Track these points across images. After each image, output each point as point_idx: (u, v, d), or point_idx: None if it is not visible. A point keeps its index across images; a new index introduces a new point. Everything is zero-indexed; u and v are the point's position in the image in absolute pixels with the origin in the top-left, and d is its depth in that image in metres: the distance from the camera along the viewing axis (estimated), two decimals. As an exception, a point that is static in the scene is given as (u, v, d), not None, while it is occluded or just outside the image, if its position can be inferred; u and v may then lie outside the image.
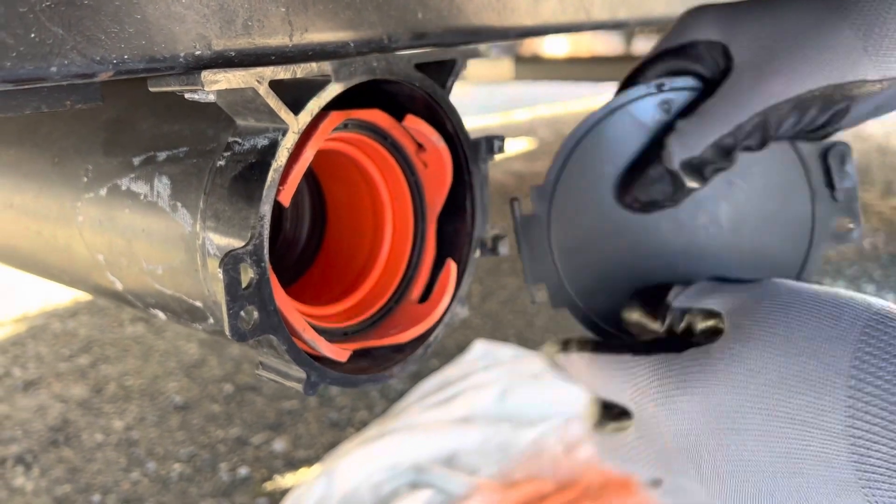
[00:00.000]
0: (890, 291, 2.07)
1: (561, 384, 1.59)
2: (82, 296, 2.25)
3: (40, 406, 1.70)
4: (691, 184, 0.52)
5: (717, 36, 0.51)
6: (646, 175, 0.52)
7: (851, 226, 0.55)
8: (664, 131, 0.53)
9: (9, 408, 1.69)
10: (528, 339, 1.85)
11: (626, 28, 0.68)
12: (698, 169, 0.51)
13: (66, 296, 2.27)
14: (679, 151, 0.50)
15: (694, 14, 0.53)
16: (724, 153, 0.50)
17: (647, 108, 0.54)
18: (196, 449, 1.50)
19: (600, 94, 5.05)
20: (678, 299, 0.49)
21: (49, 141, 0.56)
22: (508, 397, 1.56)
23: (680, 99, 0.53)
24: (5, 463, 1.49)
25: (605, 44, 3.61)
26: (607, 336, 0.57)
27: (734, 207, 0.55)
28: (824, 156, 0.54)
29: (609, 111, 0.54)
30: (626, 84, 0.55)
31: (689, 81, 0.53)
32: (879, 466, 0.36)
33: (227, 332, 0.40)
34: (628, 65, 0.54)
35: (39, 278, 0.66)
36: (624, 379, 0.47)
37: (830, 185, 0.54)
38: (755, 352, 0.41)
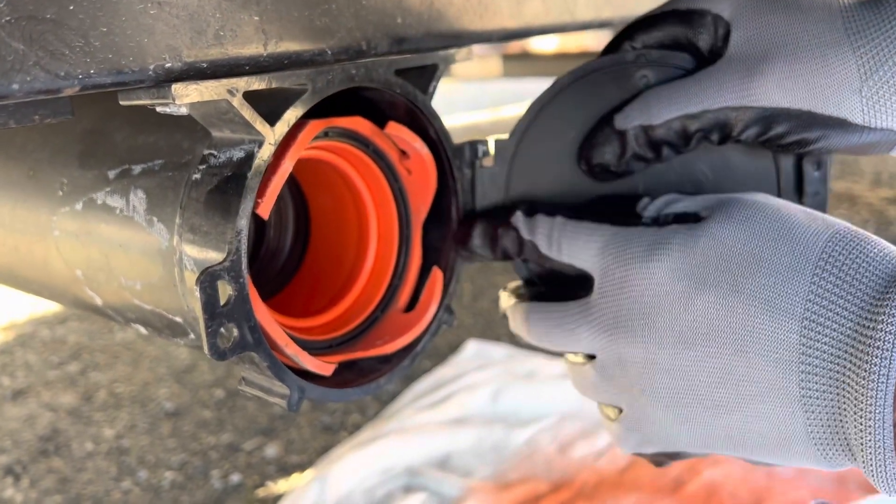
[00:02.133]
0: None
1: (555, 383, 1.58)
2: (71, 302, 2.22)
3: (29, 415, 1.68)
4: (640, 152, 0.50)
5: (728, 13, 0.48)
6: (598, 134, 0.51)
7: None
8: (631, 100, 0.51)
9: (-3, 418, 1.68)
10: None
11: (611, 28, 0.67)
12: (650, 142, 0.49)
13: (54, 303, 2.24)
14: (637, 116, 0.49)
15: None
16: (680, 137, 0.48)
17: (622, 76, 0.52)
18: (187, 456, 1.49)
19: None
20: (648, 209, 0.49)
21: (24, 153, 0.54)
22: (502, 397, 1.55)
23: (659, 74, 0.51)
24: (-6, 474, 1.47)
25: (594, 39, 3.60)
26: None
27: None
28: (799, 161, 0.53)
29: (582, 74, 0.53)
30: (617, 41, 0.53)
31: (674, 57, 0.51)
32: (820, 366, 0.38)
33: (207, 351, 0.39)
34: None
35: (20, 293, 0.65)
36: (596, 242, 0.47)
37: (800, 190, 0.53)
38: (733, 233, 0.43)
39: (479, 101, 5.17)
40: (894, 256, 0.39)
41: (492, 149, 0.55)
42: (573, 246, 0.48)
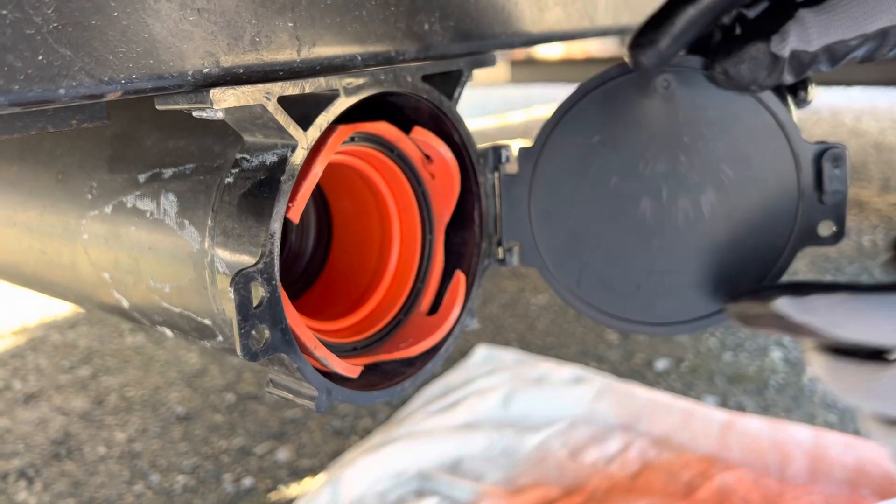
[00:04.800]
0: (890, 288, 2.07)
1: (565, 388, 1.59)
2: (81, 307, 2.23)
3: (41, 419, 1.69)
4: (788, 77, 0.48)
5: None
6: (745, 50, 0.48)
7: (835, 229, 0.54)
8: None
9: (9, 421, 1.68)
10: (529, 343, 1.84)
11: (629, 33, 0.67)
12: (800, 63, 0.48)
13: (65, 307, 2.25)
14: (795, 41, 0.47)
15: None
16: (833, 58, 0.47)
17: (644, 83, 0.53)
18: (199, 460, 1.49)
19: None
20: None
21: (53, 157, 0.55)
22: (512, 402, 1.55)
23: (680, 78, 0.52)
24: (7, 477, 1.48)
25: (600, 45, 3.61)
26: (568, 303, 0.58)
27: (718, 195, 0.54)
28: (819, 157, 0.53)
29: (604, 80, 0.54)
30: (649, 27, 0.50)
31: (695, 62, 0.52)
32: None
33: (239, 352, 0.39)
34: None
35: (43, 295, 0.65)
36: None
37: (820, 187, 0.54)
38: None
39: (486, 106, 5.18)
40: None
41: (515, 154, 0.55)
42: (867, 324, 0.44)
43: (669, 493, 1.28)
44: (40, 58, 0.30)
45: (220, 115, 0.38)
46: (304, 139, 0.40)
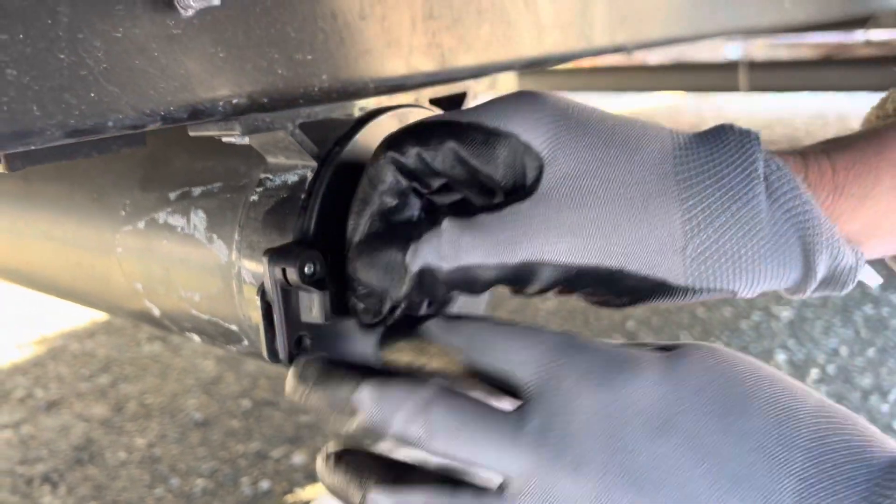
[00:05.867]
0: None
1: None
2: (99, 317, 2.29)
3: (63, 426, 1.73)
4: (420, 295, 0.39)
5: (541, 143, 0.38)
6: (380, 255, 0.39)
7: None
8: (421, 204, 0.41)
9: (33, 428, 1.73)
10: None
11: (625, 52, 0.71)
12: (434, 282, 0.38)
13: (83, 317, 2.31)
14: (429, 255, 0.37)
15: (529, 102, 0.39)
16: (470, 284, 0.38)
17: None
18: (217, 464, 1.54)
19: (604, 104, 5.08)
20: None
21: (88, 178, 0.59)
22: (521, 406, 1.58)
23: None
24: (32, 482, 1.53)
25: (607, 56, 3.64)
26: None
27: None
28: None
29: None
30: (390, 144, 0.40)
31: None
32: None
33: (265, 355, 0.43)
34: (629, 74, 0.55)
35: (77, 305, 0.70)
36: (538, 348, 0.37)
37: None
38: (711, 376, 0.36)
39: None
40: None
41: None
42: (503, 351, 0.37)
43: None
44: (92, 95, 0.34)
45: (246, 141, 0.42)
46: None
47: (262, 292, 0.43)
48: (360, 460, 0.38)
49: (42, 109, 0.33)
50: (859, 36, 2.78)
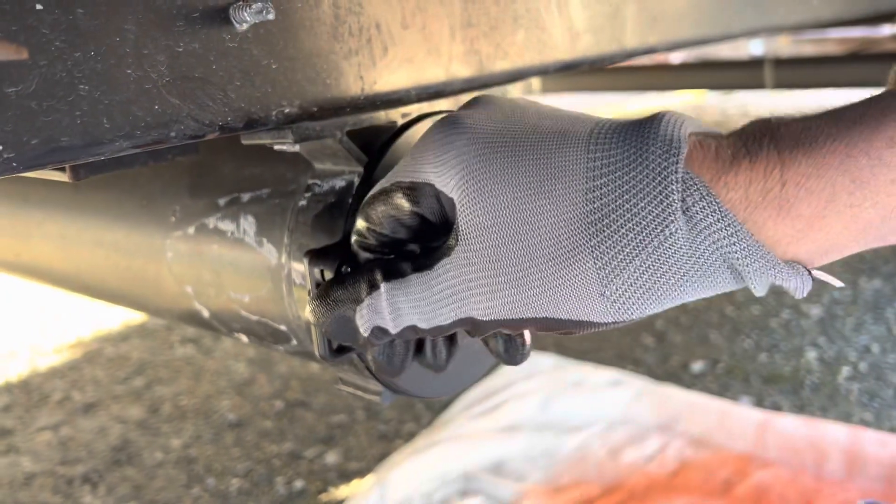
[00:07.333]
0: (927, 287, 2.07)
1: (602, 391, 1.62)
2: (132, 320, 2.33)
3: (101, 427, 1.77)
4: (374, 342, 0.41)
5: (456, 193, 0.38)
6: (338, 307, 0.41)
7: None
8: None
9: (72, 430, 1.77)
10: (566, 349, 1.89)
11: (655, 53, 0.72)
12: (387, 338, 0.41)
13: (115, 321, 2.35)
14: (372, 315, 0.40)
15: (440, 143, 0.40)
16: (419, 335, 0.40)
17: None
18: (252, 464, 1.56)
19: (627, 103, 5.06)
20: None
21: (136, 185, 0.62)
22: (551, 405, 1.60)
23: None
24: (73, 482, 1.56)
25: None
26: None
27: None
28: None
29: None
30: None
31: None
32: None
33: (318, 353, 0.45)
34: (654, 74, 0.56)
35: (126, 309, 0.72)
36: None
37: None
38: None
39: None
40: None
41: None
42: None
43: (707, 490, 1.31)
44: (156, 107, 0.36)
45: (296, 148, 0.44)
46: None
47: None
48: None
49: (111, 122, 0.35)
50: (886, 30, 2.76)
